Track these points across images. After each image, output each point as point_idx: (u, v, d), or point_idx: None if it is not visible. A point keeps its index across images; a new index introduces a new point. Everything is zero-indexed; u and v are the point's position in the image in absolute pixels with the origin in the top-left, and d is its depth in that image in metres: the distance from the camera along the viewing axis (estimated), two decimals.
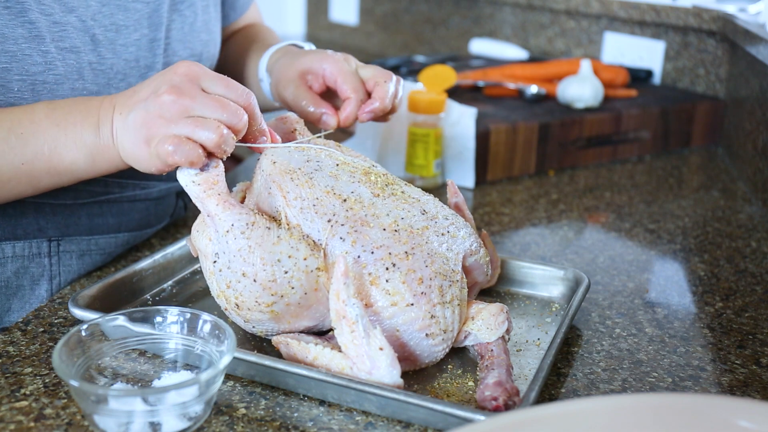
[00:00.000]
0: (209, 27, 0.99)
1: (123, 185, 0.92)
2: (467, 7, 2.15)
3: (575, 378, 0.72)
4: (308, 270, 0.69)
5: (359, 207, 0.72)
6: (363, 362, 0.64)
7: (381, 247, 0.69)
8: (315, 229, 0.70)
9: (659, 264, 1.00)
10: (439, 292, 0.69)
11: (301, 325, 0.71)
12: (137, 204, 0.95)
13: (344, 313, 0.65)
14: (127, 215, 0.94)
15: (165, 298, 0.83)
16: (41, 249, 0.88)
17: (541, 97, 1.45)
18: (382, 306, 0.68)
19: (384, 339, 0.64)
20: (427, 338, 0.69)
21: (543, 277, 0.86)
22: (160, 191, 0.97)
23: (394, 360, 0.64)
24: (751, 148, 1.30)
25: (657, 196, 1.25)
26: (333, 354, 0.66)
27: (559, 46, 1.91)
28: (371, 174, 0.77)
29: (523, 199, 1.21)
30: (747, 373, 0.74)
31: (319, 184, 0.73)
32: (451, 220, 0.75)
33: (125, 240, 0.94)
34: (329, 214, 0.71)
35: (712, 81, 1.61)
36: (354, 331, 0.64)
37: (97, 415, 0.60)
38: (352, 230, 0.70)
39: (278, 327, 0.71)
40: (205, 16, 0.98)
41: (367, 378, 0.64)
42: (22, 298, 0.88)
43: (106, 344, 0.68)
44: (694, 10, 1.59)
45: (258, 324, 0.71)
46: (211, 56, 1.00)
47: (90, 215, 0.91)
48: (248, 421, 0.64)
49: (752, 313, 0.86)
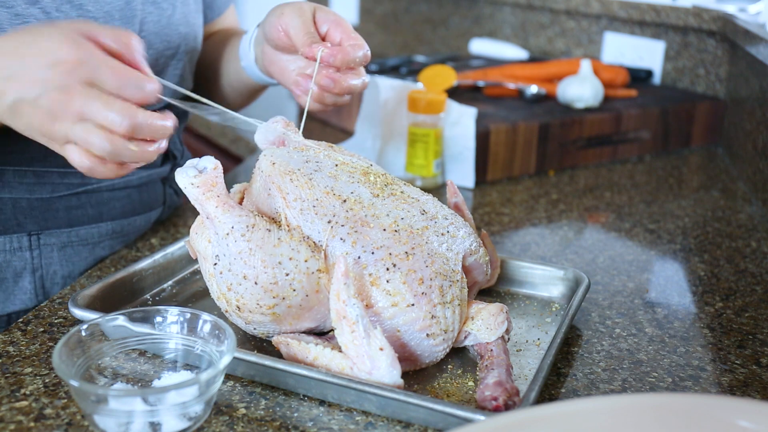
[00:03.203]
0: (188, 20, 0.96)
1: None
2: (467, 7, 2.15)
3: (575, 378, 0.72)
4: (309, 272, 0.69)
5: (359, 207, 0.72)
6: (363, 362, 0.64)
7: (381, 248, 0.69)
8: (315, 230, 0.70)
9: (659, 264, 1.00)
10: (440, 292, 0.69)
11: (302, 326, 0.71)
12: (117, 192, 0.94)
13: (344, 314, 0.65)
14: (107, 204, 0.94)
15: (165, 298, 0.83)
16: (22, 243, 0.89)
17: (541, 97, 1.45)
18: (382, 306, 0.68)
19: (384, 339, 0.64)
20: (427, 338, 0.69)
21: (543, 277, 0.86)
22: (140, 178, 0.96)
23: (394, 360, 0.64)
24: (751, 148, 1.30)
25: (657, 196, 1.25)
26: (333, 354, 0.66)
27: (559, 46, 1.91)
28: (370, 174, 0.77)
29: (523, 199, 1.21)
30: (747, 373, 0.74)
31: (319, 184, 0.73)
32: (450, 219, 0.75)
33: (110, 229, 0.94)
34: (329, 215, 0.71)
35: (712, 81, 1.61)
36: (354, 331, 0.64)
37: (97, 415, 0.60)
38: (352, 231, 0.70)
39: (279, 328, 0.71)
40: (184, 8, 0.95)
41: (367, 378, 0.64)
42: (6, 290, 0.89)
43: (106, 344, 0.68)
44: (694, 10, 1.59)
45: (259, 326, 0.71)
46: (191, 49, 0.98)
47: (68, 208, 0.90)
48: (248, 421, 0.64)
49: (752, 313, 0.86)
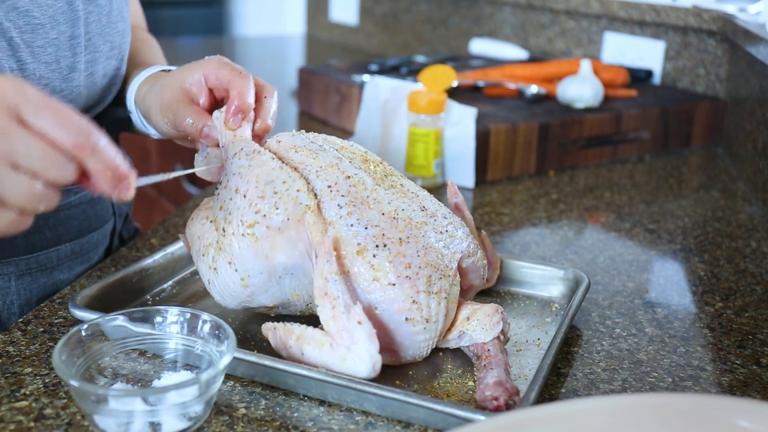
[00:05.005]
0: (123, 14, 0.91)
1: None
2: (467, 7, 2.15)
3: (575, 378, 0.72)
4: (297, 201, 0.69)
5: (362, 188, 0.72)
6: (342, 337, 0.64)
7: (376, 227, 0.69)
8: (316, 187, 0.71)
9: (659, 264, 1.00)
10: (427, 281, 0.69)
11: (278, 262, 0.69)
12: (73, 210, 0.91)
13: (326, 290, 0.65)
14: (64, 225, 0.90)
15: (165, 298, 0.83)
16: None
17: (541, 97, 1.45)
18: (363, 278, 0.68)
19: (363, 314, 0.65)
20: (406, 323, 0.68)
21: (543, 277, 0.86)
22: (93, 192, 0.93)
23: (372, 334, 0.64)
24: (751, 148, 1.30)
25: (657, 196, 1.25)
26: (315, 332, 0.66)
27: (559, 46, 1.91)
28: (369, 162, 0.77)
29: (523, 199, 1.21)
30: (747, 373, 0.74)
31: (324, 158, 0.74)
32: (449, 219, 0.75)
33: (69, 250, 0.91)
34: (331, 181, 0.72)
35: (712, 81, 1.61)
36: (335, 307, 0.65)
37: (97, 415, 0.60)
38: (350, 203, 0.70)
39: (256, 263, 0.69)
40: (118, 2, 0.90)
41: (345, 353, 0.64)
42: None
43: (106, 344, 0.68)
44: (694, 10, 1.59)
45: (239, 260, 0.69)
46: (127, 46, 0.93)
47: (26, 233, 0.85)
48: (248, 421, 0.64)
49: (752, 313, 0.86)
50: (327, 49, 2.55)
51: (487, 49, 1.93)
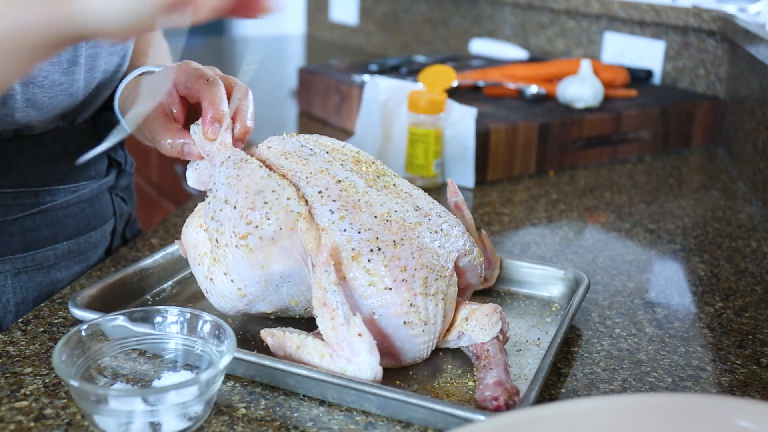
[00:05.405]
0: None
1: (54, 192, 0.88)
2: (467, 7, 2.15)
3: (575, 378, 0.72)
4: (288, 209, 0.68)
5: (353, 191, 0.72)
6: (342, 348, 0.64)
7: (369, 231, 0.69)
8: (306, 193, 0.71)
9: (659, 264, 1.00)
10: (423, 283, 0.69)
11: (274, 271, 0.69)
12: (71, 209, 0.91)
13: (325, 300, 0.65)
14: (62, 223, 0.90)
15: (165, 298, 0.83)
16: None
17: (541, 97, 1.45)
18: (359, 284, 0.67)
19: (363, 326, 0.64)
20: (405, 326, 0.68)
21: (543, 277, 0.86)
22: (92, 190, 0.93)
23: (373, 346, 0.64)
24: (751, 148, 1.30)
25: (657, 196, 1.25)
26: (315, 342, 0.66)
27: (559, 46, 1.91)
28: (361, 163, 0.77)
29: (523, 199, 1.21)
30: (747, 373, 0.74)
31: (314, 164, 0.74)
32: (444, 218, 0.75)
33: (66, 249, 0.91)
34: (321, 186, 0.71)
35: (712, 81, 1.61)
36: (334, 318, 0.64)
37: (97, 415, 0.60)
38: (342, 208, 0.70)
39: (252, 273, 0.69)
40: None
41: (346, 365, 0.64)
42: None
43: (106, 344, 0.68)
44: (694, 10, 1.59)
45: (234, 270, 0.69)
46: (131, 42, 0.93)
47: (23, 231, 0.86)
48: (248, 421, 0.64)
49: (752, 313, 0.86)
50: (327, 49, 2.55)
51: (487, 49, 1.93)
